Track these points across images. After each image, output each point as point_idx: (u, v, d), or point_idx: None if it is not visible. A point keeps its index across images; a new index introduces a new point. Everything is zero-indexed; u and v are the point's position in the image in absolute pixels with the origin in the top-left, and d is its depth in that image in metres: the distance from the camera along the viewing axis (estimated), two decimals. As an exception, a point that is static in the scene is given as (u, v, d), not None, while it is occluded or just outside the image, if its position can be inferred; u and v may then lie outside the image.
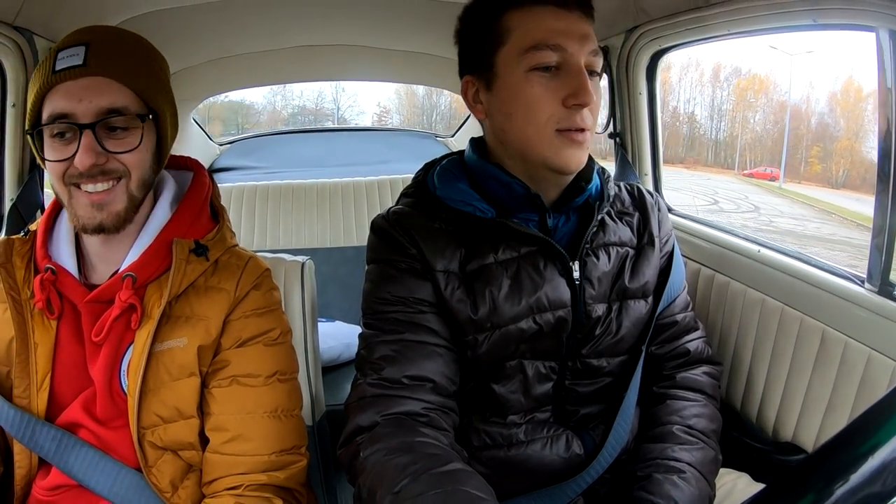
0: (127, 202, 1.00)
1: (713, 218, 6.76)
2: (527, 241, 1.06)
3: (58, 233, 1.08)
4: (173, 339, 1.03)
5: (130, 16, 1.66)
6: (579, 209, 1.11)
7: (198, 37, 2.05)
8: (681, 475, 1.03)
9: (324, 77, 3.23)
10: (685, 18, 1.44)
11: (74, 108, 0.95)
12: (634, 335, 1.12)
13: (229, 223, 1.16)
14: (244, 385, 1.05)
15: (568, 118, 0.99)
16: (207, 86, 2.78)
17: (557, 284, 1.06)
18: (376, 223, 1.10)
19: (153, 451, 1.04)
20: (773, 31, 1.27)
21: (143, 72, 1.02)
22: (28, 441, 1.02)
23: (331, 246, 2.53)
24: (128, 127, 0.99)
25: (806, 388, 1.20)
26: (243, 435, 1.04)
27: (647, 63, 1.69)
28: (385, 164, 3.00)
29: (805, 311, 1.22)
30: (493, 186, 1.08)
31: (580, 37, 0.99)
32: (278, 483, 1.04)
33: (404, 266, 1.05)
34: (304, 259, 1.34)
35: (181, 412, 1.04)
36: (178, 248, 1.04)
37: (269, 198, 2.58)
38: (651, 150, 1.79)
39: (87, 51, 0.96)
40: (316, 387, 1.34)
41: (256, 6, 1.85)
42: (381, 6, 1.94)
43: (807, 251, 1.33)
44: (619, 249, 1.12)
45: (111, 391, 1.03)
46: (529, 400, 1.08)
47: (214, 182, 1.18)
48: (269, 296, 1.11)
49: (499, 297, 1.04)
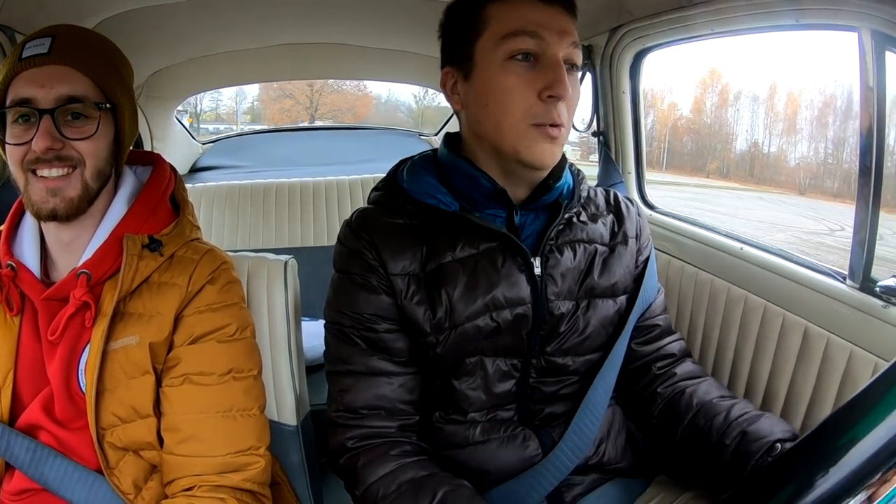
0: (81, 190, 1.00)
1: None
2: (487, 237, 1.05)
3: (22, 230, 1.08)
4: (126, 336, 1.02)
5: (111, 13, 1.65)
6: (549, 208, 1.10)
7: (179, 35, 2.04)
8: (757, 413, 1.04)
9: (308, 76, 3.24)
10: (668, 18, 1.45)
11: (36, 93, 0.97)
12: (602, 334, 1.10)
13: (192, 217, 1.15)
14: (196, 384, 1.03)
15: (543, 113, 0.98)
16: (189, 84, 2.76)
17: (516, 281, 1.04)
18: (340, 231, 1.12)
19: (113, 452, 1.02)
20: (756, 30, 1.29)
21: (104, 65, 1.04)
22: (3, 452, 1.01)
23: (314, 245, 2.52)
24: (86, 115, 1.00)
25: (788, 383, 1.21)
26: (196, 435, 1.02)
27: (630, 62, 1.70)
28: (369, 162, 2.99)
29: (787, 307, 1.23)
30: (460, 180, 1.07)
31: (559, 30, 0.98)
32: (233, 484, 1.02)
33: (359, 280, 1.05)
34: (287, 258, 1.33)
35: (138, 411, 1.02)
36: (129, 244, 1.03)
37: (251, 197, 2.57)
38: (634, 149, 1.80)
39: (52, 42, 0.99)
40: (300, 387, 1.32)
41: (238, 4, 1.84)
42: (365, 5, 1.93)
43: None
44: (587, 246, 1.10)
45: (69, 391, 1.02)
46: (491, 397, 1.07)
47: (178, 175, 1.17)
48: (226, 290, 1.09)
49: (454, 296, 1.03)
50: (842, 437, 0.55)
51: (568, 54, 0.99)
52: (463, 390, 1.06)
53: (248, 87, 15.61)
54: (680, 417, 1.09)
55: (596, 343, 1.10)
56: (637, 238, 1.16)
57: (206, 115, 18.44)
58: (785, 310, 1.23)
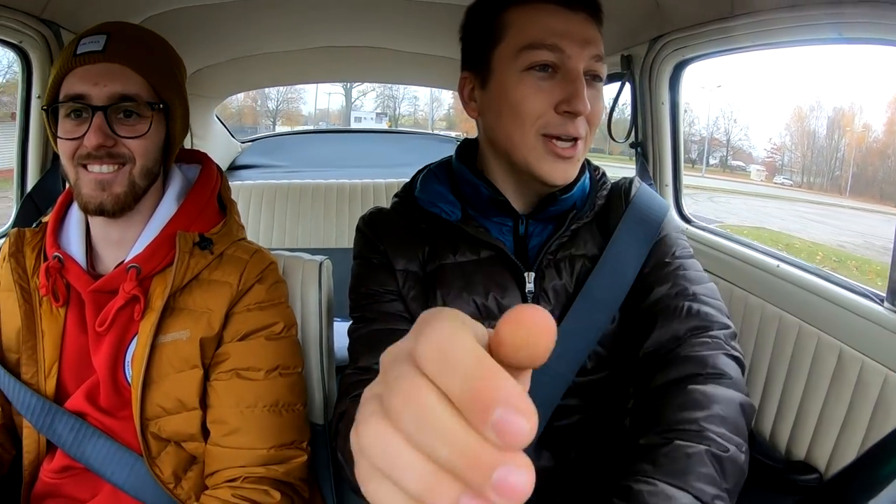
0: (128, 187, 1.03)
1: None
2: (487, 246, 1.04)
3: (68, 222, 1.11)
4: (176, 331, 1.05)
5: (155, 12, 1.69)
6: (558, 217, 1.07)
7: (221, 35, 2.08)
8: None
9: (345, 78, 3.28)
10: (710, 29, 1.43)
11: (90, 90, 0.99)
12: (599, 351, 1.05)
13: (238, 217, 1.18)
14: (244, 378, 1.06)
15: (558, 125, 0.95)
16: (229, 84, 2.81)
17: (510, 293, 1.03)
18: (358, 224, 1.15)
19: (156, 442, 1.05)
20: (799, 43, 1.26)
21: (158, 65, 1.06)
22: (47, 429, 1.04)
23: (349, 246, 2.54)
24: (138, 114, 1.03)
25: (821, 406, 1.18)
26: (242, 428, 1.05)
27: (670, 73, 1.67)
28: (405, 166, 3.01)
29: (822, 328, 1.20)
30: (465, 188, 1.07)
31: (582, 40, 0.95)
32: (276, 476, 1.05)
33: (375, 262, 1.08)
34: (322, 258, 1.35)
35: (184, 404, 1.05)
36: (181, 241, 1.06)
37: (288, 197, 2.61)
38: (672, 161, 1.77)
39: (107, 39, 1.01)
40: (329, 386, 1.34)
41: (279, 6, 1.87)
42: (401, 9, 1.95)
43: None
44: (586, 263, 1.05)
45: (115, 381, 1.05)
46: None
47: (223, 175, 1.20)
48: (273, 289, 1.12)
49: (448, 296, 1.03)
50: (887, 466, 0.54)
51: (590, 66, 0.96)
52: None
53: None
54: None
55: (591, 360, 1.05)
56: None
57: (405, 120, 18.87)
58: (820, 330, 1.20)
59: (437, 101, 18.79)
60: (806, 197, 13.79)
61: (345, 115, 19.06)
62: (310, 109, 19.61)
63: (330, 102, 19.67)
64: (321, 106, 19.66)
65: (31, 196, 1.51)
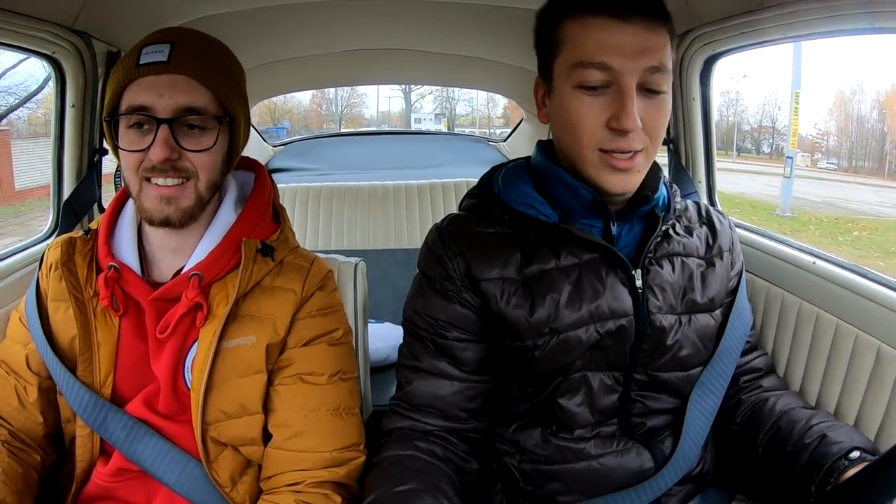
0: (195, 200, 1.03)
1: None
2: (589, 248, 1.05)
3: (119, 231, 1.12)
4: (241, 336, 1.06)
5: (186, 20, 1.73)
6: (644, 218, 1.10)
7: (252, 40, 2.11)
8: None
9: (376, 81, 3.28)
10: (739, 22, 1.40)
11: (154, 102, 0.98)
12: (701, 349, 1.10)
13: (290, 224, 1.19)
14: (308, 383, 1.08)
15: (611, 140, 0.96)
16: (261, 89, 2.85)
17: (619, 293, 1.04)
18: (429, 235, 1.13)
19: (215, 446, 1.07)
20: (830, 34, 1.23)
21: (223, 75, 1.05)
22: (99, 426, 1.05)
23: (381, 248, 2.57)
24: (204, 127, 1.02)
25: (859, 405, 1.15)
26: (306, 431, 1.06)
27: (700, 68, 1.65)
28: (436, 168, 3.02)
29: (860, 326, 1.17)
30: (558, 190, 1.06)
31: (635, 52, 0.93)
32: (338, 479, 1.06)
33: (437, 287, 1.08)
34: (357, 260, 1.37)
35: (246, 408, 1.07)
36: (246, 248, 1.07)
37: (321, 199, 2.64)
38: (705, 158, 1.74)
39: (171, 49, 1.00)
40: (365, 387, 1.36)
41: (310, 10, 1.89)
42: (433, 11, 1.95)
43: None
44: (684, 260, 1.10)
45: (175, 387, 1.06)
46: (595, 413, 1.06)
47: (275, 183, 1.21)
48: (332, 296, 1.14)
49: (560, 302, 1.02)
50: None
51: (644, 79, 0.95)
52: (569, 408, 1.06)
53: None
54: (762, 423, 1.10)
55: (696, 359, 1.10)
56: (731, 251, 1.16)
57: (462, 120, 19.60)
58: (858, 328, 1.17)
59: (492, 100, 18.95)
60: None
61: (405, 117, 19.50)
62: (372, 112, 20.21)
63: (391, 105, 20.25)
64: (382, 109, 20.23)
65: (69, 203, 1.57)
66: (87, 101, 1.57)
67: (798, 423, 1.05)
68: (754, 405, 1.14)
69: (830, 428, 1.02)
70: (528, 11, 1.10)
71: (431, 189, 2.66)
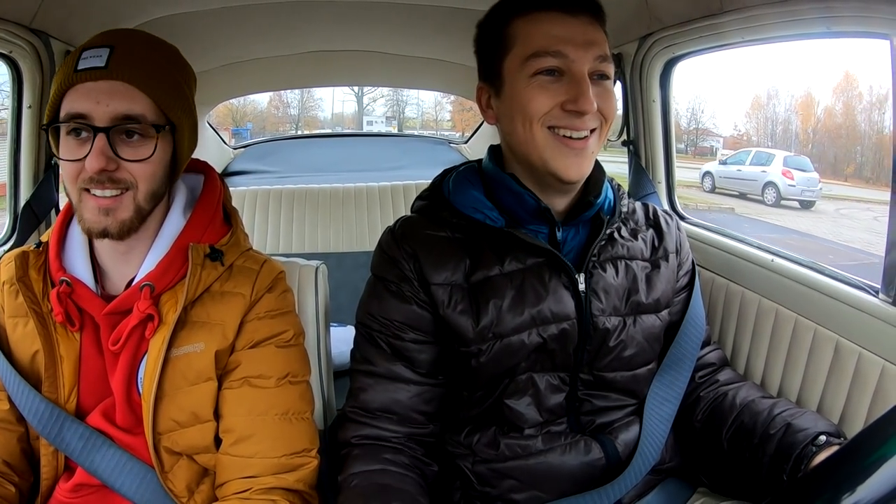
0: (133, 212, 0.99)
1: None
2: (533, 253, 1.07)
3: (70, 243, 1.08)
4: (190, 344, 1.03)
5: (145, 20, 1.69)
6: (589, 223, 1.12)
7: (213, 41, 2.07)
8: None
9: (339, 82, 3.26)
10: (699, 26, 1.43)
11: (92, 109, 0.94)
12: (647, 349, 1.12)
13: (242, 226, 1.16)
14: (255, 386, 1.05)
15: (563, 118, 1.00)
16: (222, 90, 2.80)
17: (561, 297, 1.06)
18: (382, 237, 1.14)
19: (169, 455, 1.04)
20: (787, 38, 1.27)
21: (166, 81, 1.00)
22: (55, 438, 1.01)
23: (343, 251, 2.54)
24: (143, 135, 0.98)
25: (819, 398, 1.19)
26: (254, 436, 1.03)
27: (660, 70, 1.68)
28: (398, 170, 3.01)
29: (819, 321, 1.20)
30: (505, 196, 1.09)
31: (585, 42, 0.99)
32: (287, 486, 1.04)
33: (393, 288, 1.08)
34: (318, 263, 1.35)
35: (198, 416, 1.04)
36: (193, 254, 1.04)
37: (282, 202, 2.60)
38: (665, 159, 1.78)
39: (110, 54, 0.96)
40: (328, 391, 1.34)
41: (272, 12, 1.86)
42: (395, 13, 1.95)
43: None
44: (628, 263, 1.12)
45: (129, 399, 1.04)
46: (543, 412, 1.08)
47: (226, 185, 1.18)
48: (282, 298, 1.12)
49: (502, 308, 1.05)
50: (870, 456, 0.54)
51: (595, 67, 1.00)
52: (517, 408, 1.08)
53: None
54: (724, 418, 1.13)
55: (642, 358, 1.12)
56: (677, 253, 1.18)
57: (411, 122, 19.94)
58: (816, 323, 1.20)
59: (439, 104, 19.71)
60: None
61: (358, 119, 19.95)
62: (326, 115, 20.55)
63: (344, 108, 20.54)
64: (337, 111, 20.57)
65: (28, 207, 1.50)
66: (45, 102, 1.50)
67: (761, 415, 1.08)
68: (714, 401, 1.17)
69: (794, 416, 1.05)
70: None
71: (393, 191, 2.65)
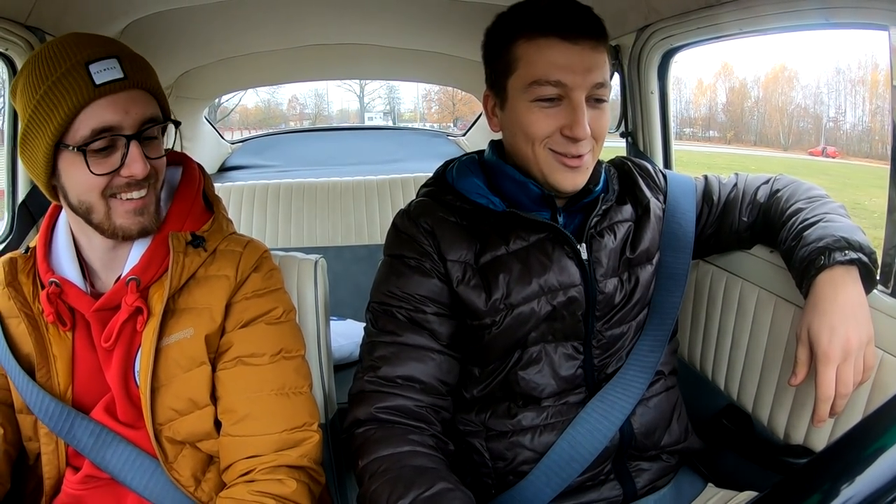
0: (155, 203, 1.04)
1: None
2: (536, 230, 1.13)
3: (56, 246, 1.09)
4: (180, 331, 1.05)
5: (141, 15, 1.68)
6: (587, 207, 1.17)
7: (208, 36, 2.07)
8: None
9: (335, 76, 3.26)
10: (696, 17, 1.44)
11: (121, 119, 0.97)
12: (646, 294, 1.19)
13: (225, 212, 1.18)
14: (249, 365, 1.07)
15: (562, 144, 1.06)
16: (218, 85, 2.80)
17: (566, 265, 1.12)
18: (396, 219, 1.18)
19: (172, 446, 1.06)
20: (785, 29, 1.27)
21: (157, 80, 1.05)
22: (66, 433, 1.03)
23: (342, 244, 2.55)
24: (157, 135, 1.03)
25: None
26: (252, 414, 1.05)
27: (658, 62, 1.68)
28: (396, 162, 3.00)
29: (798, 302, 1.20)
30: (508, 185, 1.15)
31: (584, 70, 1.03)
32: (290, 462, 1.05)
33: (413, 263, 1.12)
34: (317, 257, 1.35)
35: (196, 402, 1.05)
36: (174, 242, 1.05)
37: (280, 196, 2.60)
38: (663, 149, 1.78)
39: (121, 63, 0.97)
40: (329, 385, 1.34)
41: (268, 5, 1.86)
42: (392, 6, 1.95)
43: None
44: (621, 226, 1.18)
45: (128, 394, 1.05)
46: (559, 381, 1.12)
47: (206, 173, 1.20)
48: (269, 276, 1.13)
49: (510, 280, 1.10)
50: (869, 447, 0.54)
51: (592, 93, 1.06)
52: (531, 378, 1.11)
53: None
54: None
55: (643, 303, 1.19)
56: (654, 195, 1.24)
57: (408, 115, 21.95)
58: (796, 305, 1.21)
59: (430, 100, 21.36)
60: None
61: (360, 115, 21.73)
62: (331, 111, 22.40)
63: (349, 104, 22.35)
64: (342, 107, 22.49)
65: (25, 205, 1.51)
66: None
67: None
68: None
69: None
70: (484, 6, 1.13)
71: (391, 184, 2.64)
